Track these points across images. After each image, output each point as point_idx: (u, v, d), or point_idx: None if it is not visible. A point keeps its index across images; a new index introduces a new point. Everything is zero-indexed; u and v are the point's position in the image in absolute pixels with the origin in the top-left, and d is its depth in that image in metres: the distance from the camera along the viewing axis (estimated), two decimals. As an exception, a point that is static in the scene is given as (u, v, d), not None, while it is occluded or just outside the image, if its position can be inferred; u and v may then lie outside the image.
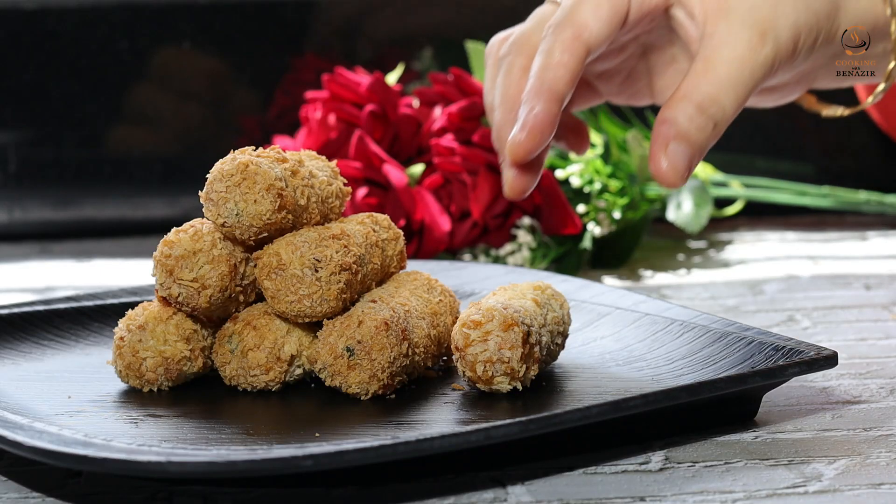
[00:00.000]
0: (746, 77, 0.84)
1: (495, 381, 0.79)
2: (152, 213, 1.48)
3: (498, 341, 0.79)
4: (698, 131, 0.83)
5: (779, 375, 0.78)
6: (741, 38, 0.84)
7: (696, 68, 0.84)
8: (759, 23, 0.84)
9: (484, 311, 0.79)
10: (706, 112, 0.83)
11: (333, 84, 1.27)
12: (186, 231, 0.82)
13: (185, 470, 0.68)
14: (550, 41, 0.84)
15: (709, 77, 0.83)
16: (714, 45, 0.84)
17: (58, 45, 1.45)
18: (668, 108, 0.84)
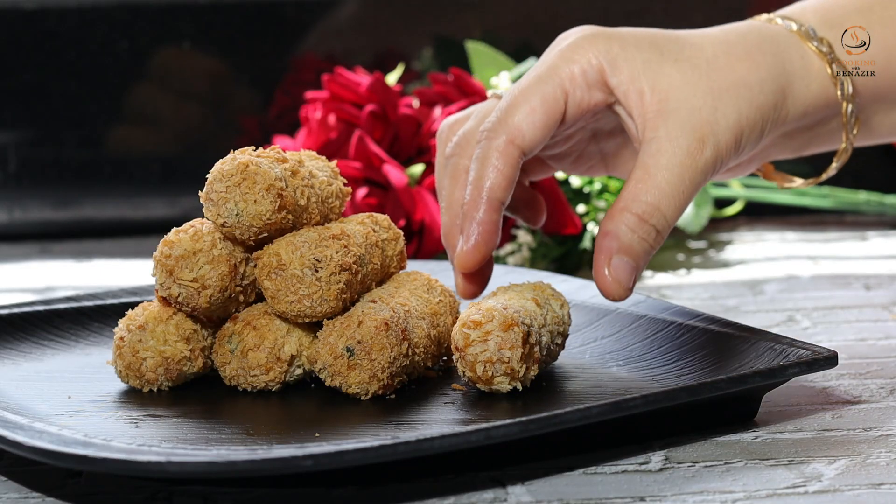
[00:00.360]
0: (687, 184, 0.83)
1: (495, 382, 0.79)
2: (152, 213, 1.48)
3: (498, 341, 0.79)
4: (641, 242, 0.83)
5: (779, 375, 0.78)
6: (680, 145, 0.83)
7: (635, 175, 0.83)
8: (698, 128, 0.83)
9: (484, 312, 0.79)
10: (648, 222, 0.83)
11: (333, 84, 1.27)
12: (186, 231, 0.82)
13: (185, 470, 0.68)
14: (485, 147, 0.84)
15: (648, 186, 0.83)
16: (653, 152, 0.83)
17: (58, 45, 1.45)
18: (610, 219, 0.83)
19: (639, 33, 0.86)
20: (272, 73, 1.49)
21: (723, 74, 0.85)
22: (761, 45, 0.87)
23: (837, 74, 0.88)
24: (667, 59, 0.85)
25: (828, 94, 0.88)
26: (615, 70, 0.84)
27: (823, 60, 0.88)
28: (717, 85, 0.84)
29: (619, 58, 0.84)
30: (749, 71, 0.85)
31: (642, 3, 1.50)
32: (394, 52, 1.49)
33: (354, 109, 1.26)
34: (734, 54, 0.86)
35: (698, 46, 0.86)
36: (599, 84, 0.85)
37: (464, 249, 0.84)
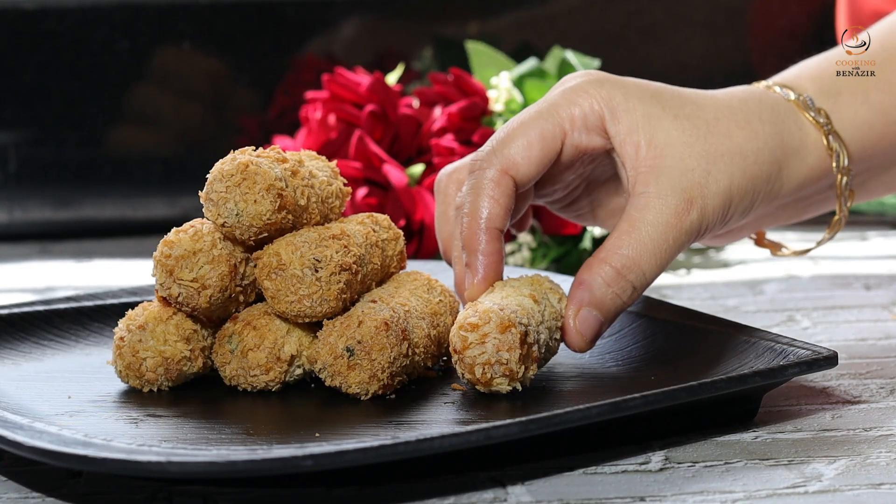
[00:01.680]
0: (670, 243, 0.83)
1: (494, 383, 0.79)
2: (152, 213, 1.48)
3: (496, 343, 0.78)
4: (614, 298, 0.82)
5: (779, 375, 0.78)
6: (668, 204, 0.83)
7: (620, 227, 0.83)
8: (687, 189, 0.83)
9: (480, 314, 0.79)
10: (625, 277, 0.82)
11: (333, 84, 1.27)
12: (186, 231, 0.82)
13: (185, 470, 0.68)
14: (478, 177, 0.83)
15: (631, 239, 0.82)
16: (640, 206, 0.83)
17: (58, 45, 1.45)
18: (588, 269, 0.83)
19: (643, 85, 0.86)
20: (272, 73, 1.49)
21: (720, 139, 0.85)
22: (761, 113, 0.87)
23: (833, 148, 0.88)
24: (667, 115, 0.84)
25: (823, 166, 0.89)
26: (615, 118, 0.84)
27: (820, 132, 0.88)
28: (714, 149, 0.84)
29: (620, 107, 0.84)
30: (747, 139, 0.85)
31: (642, 3, 1.50)
32: (394, 52, 1.49)
33: (354, 109, 1.26)
34: (734, 120, 0.86)
35: (700, 106, 0.86)
36: (598, 129, 0.84)
37: (475, 283, 0.83)
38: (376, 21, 1.50)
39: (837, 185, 0.90)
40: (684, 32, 1.50)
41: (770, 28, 1.52)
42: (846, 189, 0.90)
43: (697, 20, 1.50)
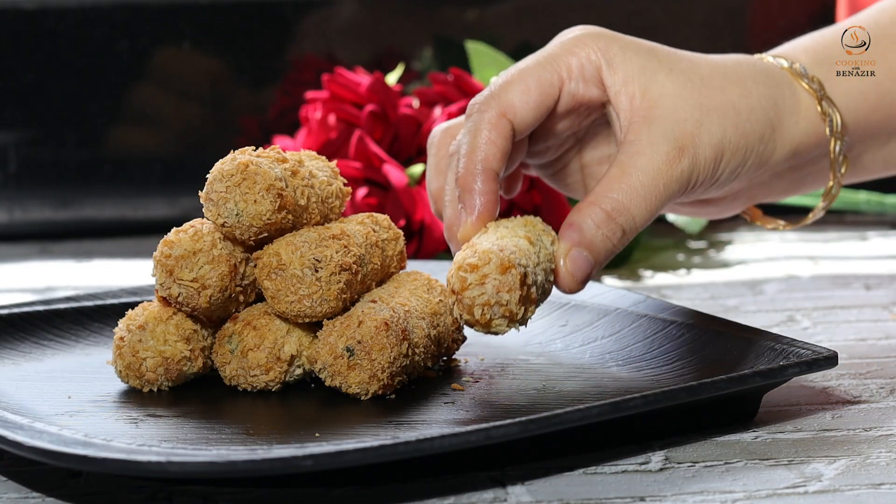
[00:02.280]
0: (660, 189, 0.83)
1: (493, 324, 0.78)
2: (152, 213, 1.48)
3: (496, 284, 0.77)
4: (604, 240, 0.82)
5: (779, 375, 0.78)
6: (660, 150, 0.83)
7: (610, 173, 0.83)
8: (679, 138, 0.84)
9: (480, 254, 0.77)
10: (615, 220, 0.82)
11: (333, 84, 1.27)
12: (186, 231, 0.82)
13: (185, 470, 0.68)
14: (476, 119, 0.83)
15: (622, 184, 0.83)
16: (631, 153, 0.83)
17: (58, 45, 1.45)
18: (577, 211, 0.83)
19: (639, 40, 0.87)
20: (272, 73, 1.49)
21: (714, 94, 0.85)
22: (755, 75, 0.88)
23: (826, 112, 0.89)
24: (662, 68, 0.85)
25: (817, 131, 0.89)
26: (612, 69, 0.85)
27: (813, 97, 0.89)
28: (707, 102, 0.85)
29: (616, 58, 0.85)
30: (740, 97, 0.86)
31: (642, 3, 1.50)
32: (394, 52, 1.49)
33: (354, 109, 1.26)
34: (728, 78, 0.86)
35: (695, 63, 0.87)
36: (595, 80, 0.85)
37: (468, 222, 0.82)
38: (376, 21, 1.50)
39: (831, 151, 0.90)
40: (684, 32, 1.50)
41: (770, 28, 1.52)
42: (840, 155, 0.90)
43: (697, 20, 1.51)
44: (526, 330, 0.94)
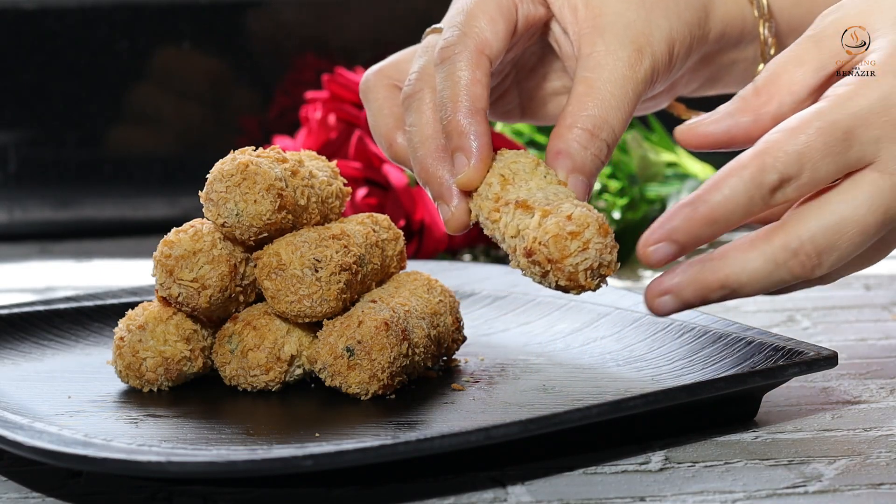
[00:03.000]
0: (630, 95, 0.82)
1: (596, 286, 0.77)
2: (152, 213, 1.48)
3: (599, 247, 0.76)
4: (594, 159, 0.81)
5: (779, 375, 0.78)
6: (620, 57, 0.82)
7: (578, 91, 0.82)
8: (634, 39, 0.83)
9: (577, 220, 0.76)
10: (598, 137, 0.81)
11: (333, 84, 1.27)
12: (186, 231, 0.82)
13: (185, 470, 0.68)
14: (454, 61, 0.81)
15: (594, 100, 0.81)
16: (592, 66, 0.82)
17: (58, 45, 1.45)
18: (559, 138, 0.81)
19: None
20: (272, 73, 1.49)
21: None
22: None
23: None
24: None
25: (744, 12, 0.89)
26: None
27: None
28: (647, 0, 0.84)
29: None
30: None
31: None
32: (394, 52, 1.49)
33: (354, 109, 1.26)
34: None
35: None
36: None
37: (471, 166, 0.79)
38: (376, 21, 1.50)
39: (760, 33, 0.90)
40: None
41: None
42: (769, 38, 0.90)
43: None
44: (526, 330, 0.94)
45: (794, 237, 0.74)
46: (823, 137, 0.73)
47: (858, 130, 0.73)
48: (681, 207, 0.74)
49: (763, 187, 0.73)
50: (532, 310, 0.96)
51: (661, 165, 1.35)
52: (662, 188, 1.32)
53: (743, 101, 0.78)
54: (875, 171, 0.74)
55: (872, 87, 0.74)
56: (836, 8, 0.78)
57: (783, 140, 0.73)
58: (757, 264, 0.74)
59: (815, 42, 0.77)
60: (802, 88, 0.77)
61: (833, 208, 0.74)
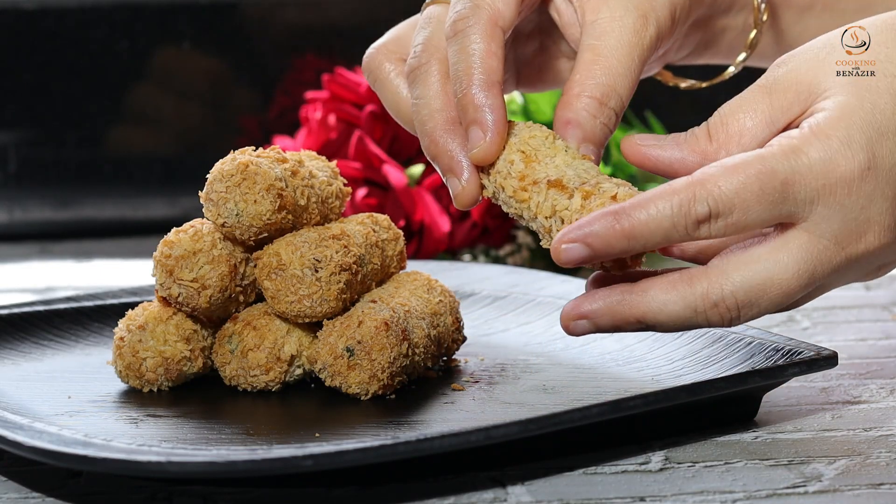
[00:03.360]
0: (636, 62, 0.81)
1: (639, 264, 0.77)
2: (152, 213, 1.48)
3: None
4: (602, 128, 0.80)
5: (779, 375, 0.78)
6: (626, 24, 0.82)
7: (584, 59, 0.81)
8: (639, 5, 0.82)
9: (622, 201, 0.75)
10: (606, 105, 0.80)
11: (333, 84, 1.27)
12: (186, 231, 0.82)
13: (185, 470, 0.68)
14: (467, 34, 0.80)
15: (602, 67, 0.81)
16: (598, 34, 0.82)
17: (58, 45, 1.45)
18: (567, 107, 0.80)
19: None
20: (272, 73, 1.49)
21: None
22: None
23: None
24: None
25: None
26: None
27: None
28: None
29: None
30: None
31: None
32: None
33: (354, 109, 1.26)
34: None
35: None
36: None
37: (486, 139, 0.78)
38: (376, 21, 1.50)
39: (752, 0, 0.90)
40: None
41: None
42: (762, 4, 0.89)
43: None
44: (526, 330, 0.94)
45: (716, 289, 0.74)
46: (760, 182, 0.73)
47: (796, 186, 0.73)
48: (604, 215, 0.73)
49: (689, 216, 0.73)
50: (532, 310, 0.96)
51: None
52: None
53: (694, 141, 0.77)
54: (806, 231, 0.74)
55: (817, 147, 0.73)
56: (789, 58, 0.78)
57: (720, 176, 0.73)
58: (676, 308, 0.74)
59: (768, 93, 0.77)
60: (751, 141, 0.76)
61: (760, 266, 0.74)
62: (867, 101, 0.75)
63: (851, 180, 0.73)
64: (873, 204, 0.74)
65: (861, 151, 0.74)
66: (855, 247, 0.74)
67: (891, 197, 0.74)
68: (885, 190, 0.74)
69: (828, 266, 0.74)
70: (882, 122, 0.74)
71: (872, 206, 0.74)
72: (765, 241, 0.74)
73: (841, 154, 0.73)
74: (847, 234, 0.74)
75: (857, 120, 0.74)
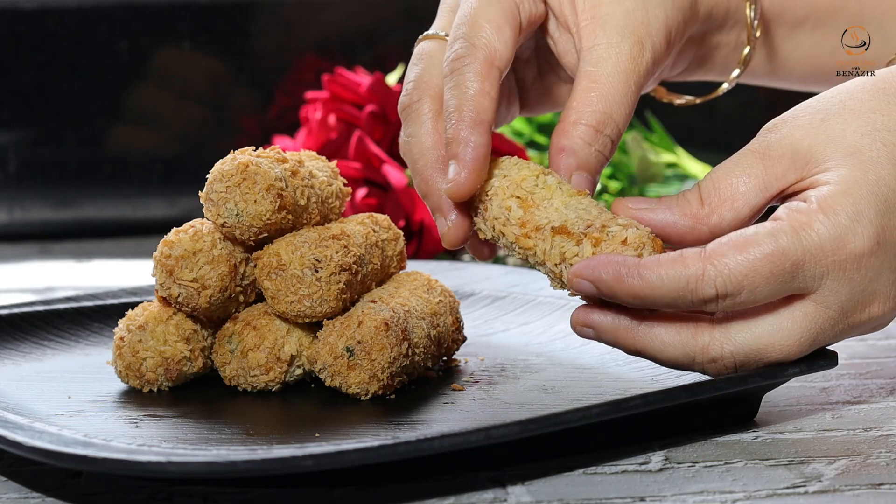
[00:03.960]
0: (633, 89, 0.82)
1: None
2: (152, 213, 1.48)
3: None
4: (598, 156, 0.81)
5: (779, 375, 0.78)
6: (622, 51, 0.82)
7: (581, 86, 0.81)
8: (635, 31, 0.82)
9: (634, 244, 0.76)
10: (602, 133, 0.81)
11: (333, 84, 1.27)
12: (186, 231, 0.82)
13: (185, 470, 0.68)
14: (462, 73, 0.80)
15: (598, 94, 0.81)
16: (595, 60, 0.82)
17: (58, 45, 1.45)
18: (563, 134, 0.81)
19: None
20: (272, 73, 1.49)
21: None
22: None
23: None
24: None
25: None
26: None
27: None
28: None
29: None
30: None
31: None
32: (394, 52, 1.49)
33: (354, 110, 1.26)
34: None
35: None
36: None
37: (461, 176, 0.78)
38: (376, 21, 1.50)
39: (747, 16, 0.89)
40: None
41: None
42: (755, 20, 0.89)
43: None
44: (526, 330, 0.94)
45: (717, 346, 0.76)
46: (770, 266, 0.73)
47: (807, 265, 0.74)
48: (619, 265, 0.75)
49: (696, 294, 0.74)
50: (532, 310, 0.96)
51: (661, 166, 1.35)
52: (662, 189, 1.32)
53: (685, 205, 0.78)
54: (813, 302, 0.75)
55: (826, 224, 0.74)
56: (781, 123, 0.77)
57: (731, 255, 0.74)
58: (675, 353, 0.76)
59: (762, 158, 0.76)
60: (744, 206, 0.77)
61: (763, 331, 0.75)
62: (871, 173, 0.75)
63: (861, 256, 0.74)
64: (881, 277, 0.75)
65: (871, 226, 0.74)
66: (858, 316, 0.76)
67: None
68: (892, 262, 0.75)
69: (830, 334, 0.76)
70: (888, 195, 0.75)
71: (880, 278, 0.75)
72: (772, 311, 0.75)
73: (850, 230, 0.74)
74: (853, 305, 0.75)
75: (864, 194, 0.74)
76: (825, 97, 0.78)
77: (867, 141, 0.75)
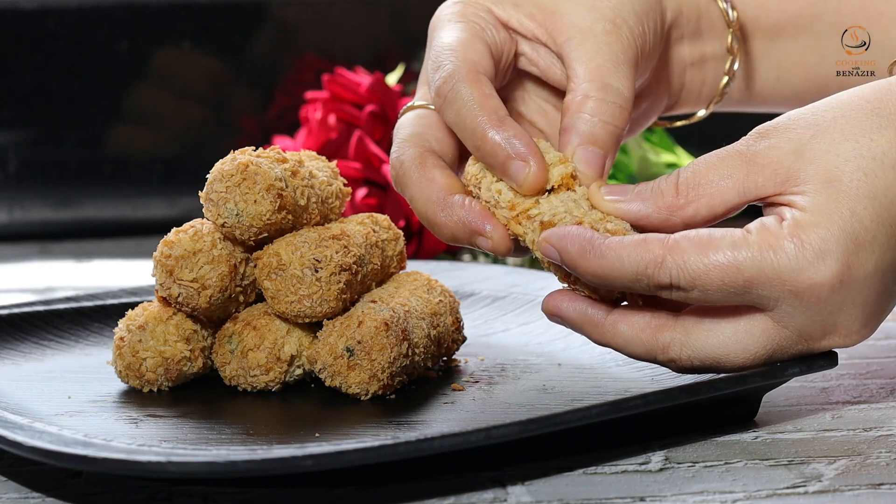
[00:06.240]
0: (621, 56, 0.82)
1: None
2: (152, 213, 1.48)
3: None
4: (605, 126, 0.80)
5: (779, 375, 0.78)
6: (597, 29, 0.82)
7: (572, 73, 0.81)
8: (606, 15, 0.83)
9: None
10: (604, 100, 0.80)
11: (333, 84, 1.27)
12: (186, 231, 0.82)
13: (185, 470, 0.68)
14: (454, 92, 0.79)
15: (590, 71, 0.81)
16: (575, 47, 0.82)
17: (58, 45, 1.45)
18: (564, 115, 0.80)
19: None
20: (272, 73, 1.49)
21: None
22: None
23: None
24: None
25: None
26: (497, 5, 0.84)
27: None
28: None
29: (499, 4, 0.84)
30: None
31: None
32: (394, 52, 1.49)
33: (354, 110, 1.26)
34: None
35: None
36: (496, 25, 0.83)
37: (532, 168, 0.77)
38: (376, 21, 1.50)
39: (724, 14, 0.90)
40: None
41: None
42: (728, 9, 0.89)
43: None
44: (526, 330, 0.94)
45: (676, 347, 0.76)
46: (723, 275, 0.73)
47: (761, 286, 0.74)
48: (585, 241, 0.75)
49: (652, 280, 0.74)
50: (532, 310, 0.96)
51: (661, 166, 1.35)
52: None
53: (659, 196, 0.77)
54: (771, 319, 0.75)
55: (791, 254, 0.73)
56: (773, 131, 0.77)
57: (690, 251, 0.74)
58: (637, 350, 0.77)
59: (746, 163, 0.76)
60: (721, 205, 0.76)
61: (720, 341, 0.76)
62: (845, 207, 0.74)
63: (821, 291, 0.74)
64: (842, 311, 0.75)
65: (835, 264, 0.73)
66: (818, 343, 0.76)
67: (861, 304, 0.75)
68: (856, 298, 0.74)
69: (787, 352, 0.76)
70: (859, 232, 0.74)
71: (841, 313, 0.75)
72: (734, 319, 0.76)
73: (813, 266, 0.73)
74: (812, 331, 0.75)
75: (835, 230, 0.74)
76: (820, 108, 0.77)
77: (850, 168, 0.74)
